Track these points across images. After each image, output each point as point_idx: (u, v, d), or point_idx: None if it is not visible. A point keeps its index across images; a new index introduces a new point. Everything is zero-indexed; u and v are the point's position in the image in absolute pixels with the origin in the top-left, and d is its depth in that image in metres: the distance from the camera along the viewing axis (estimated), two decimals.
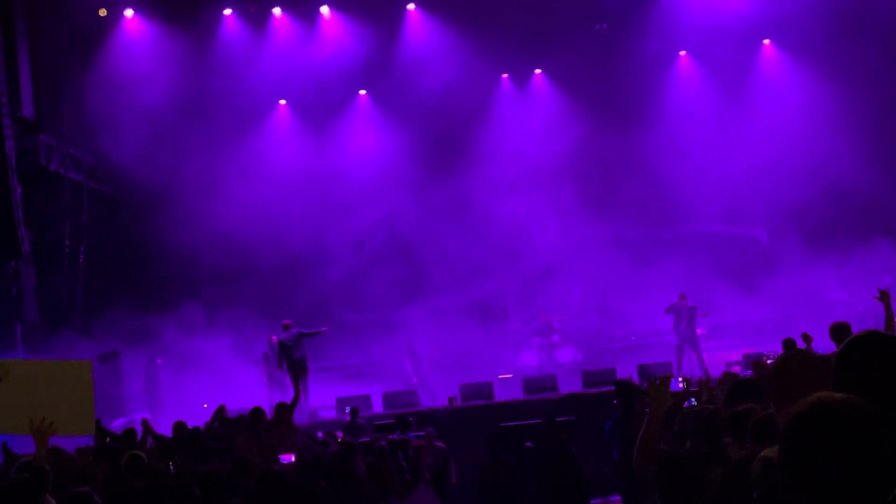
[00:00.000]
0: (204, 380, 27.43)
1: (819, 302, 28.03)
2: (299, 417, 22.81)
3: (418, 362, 28.74)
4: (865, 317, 23.69)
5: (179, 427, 17.40)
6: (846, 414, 3.15)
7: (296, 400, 17.90)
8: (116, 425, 19.98)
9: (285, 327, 26.22)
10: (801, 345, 17.01)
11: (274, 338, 27.65)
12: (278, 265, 31.22)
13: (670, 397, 7.39)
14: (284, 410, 16.99)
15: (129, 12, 31.49)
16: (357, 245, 32.37)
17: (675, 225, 31.81)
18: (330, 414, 25.63)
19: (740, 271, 29.53)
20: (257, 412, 16.97)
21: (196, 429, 17.43)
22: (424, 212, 31.77)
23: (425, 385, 27.84)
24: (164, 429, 18.38)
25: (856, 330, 4.33)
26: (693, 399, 9.87)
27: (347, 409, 22.93)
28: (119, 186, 31.29)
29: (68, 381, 12.78)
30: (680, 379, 9.80)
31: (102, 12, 30.98)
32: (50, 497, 8.64)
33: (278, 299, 30.54)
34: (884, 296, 12.93)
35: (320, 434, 20.14)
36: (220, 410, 18.46)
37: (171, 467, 10.41)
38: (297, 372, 25.58)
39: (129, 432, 15.55)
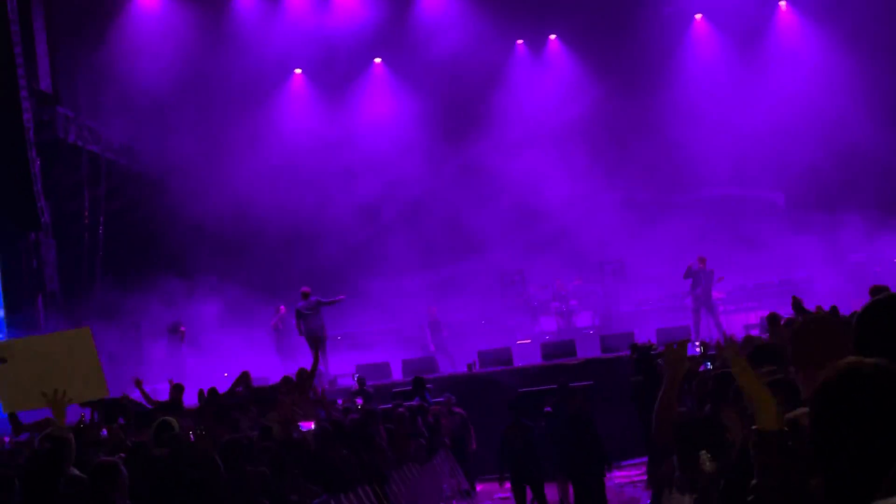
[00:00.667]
0: (221, 348, 27.60)
1: (836, 263, 28.04)
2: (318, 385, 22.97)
3: (437, 329, 28.82)
4: (882, 277, 23.68)
5: (177, 389, 17.60)
6: (878, 379, 3.12)
7: (314, 367, 18.00)
8: (137, 395, 20.10)
9: (304, 295, 26.37)
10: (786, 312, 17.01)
11: (282, 307, 27.86)
12: (294, 233, 31.28)
13: (687, 361, 7.43)
14: (305, 377, 17.12)
15: None
16: (373, 212, 32.44)
17: (691, 188, 31.78)
18: (349, 381, 25.78)
19: (757, 234, 29.46)
20: (286, 381, 17.17)
21: (214, 392, 17.60)
22: (440, 178, 31.79)
23: (445, 352, 27.93)
24: (190, 397, 18.55)
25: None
26: (709, 363, 9.92)
27: (355, 377, 23.03)
28: (136, 158, 31.35)
29: (71, 350, 12.93)
30: (697, 343, 9.87)
31: None
32: (73, 468, 8.71)
33: (294, 267, 30.65)
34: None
35: (340, 401, 20.30)
36: (244, 377, 18.59)
37: (192, 436, 10.50)
38: (314, 340, 25.72)
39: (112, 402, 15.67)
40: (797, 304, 16.99)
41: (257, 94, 32.82)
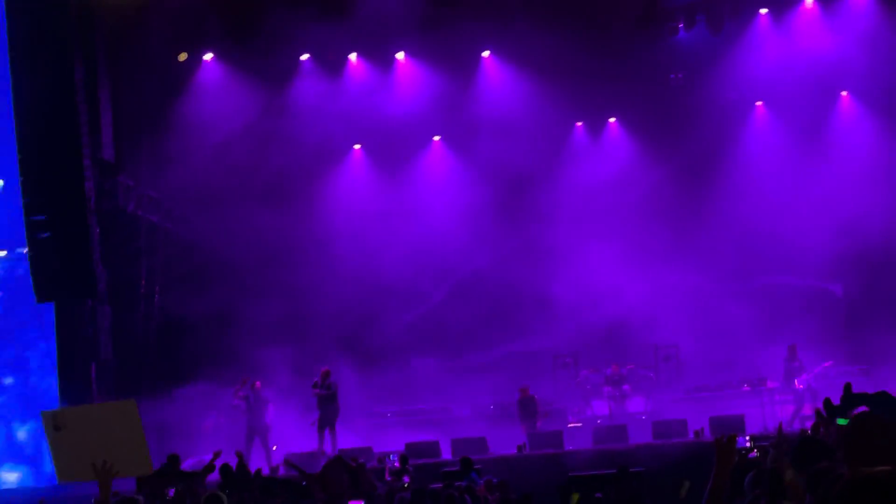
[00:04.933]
0: (277, 421, 27.62)
1: (894, 356, 27.67)
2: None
3: (530, 410, 28.40)
4: None
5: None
6: (891, 487, 3.16)
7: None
8: (187, 465, 20.20)
9: (325, 374, 26.92)
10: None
11: (258, 383, 27.86)
12: (349, 309, 31.30)
13: (736, 454, 7.33)
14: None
15: (208, 56, 31.89)
16: (428, 290, 32.41)
17: (748, 275, 31.51)
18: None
19: (814, 324, 29.15)
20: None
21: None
22: (496, 258, 31.77)
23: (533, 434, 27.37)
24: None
25: None
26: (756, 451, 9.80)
27: (394, 457, 22.93)
28: (194, 228, 31.56)
29: (117, 423, 12.99)
30: (747, 437, 9.76)
31: (182, 57, 31.39)
32: None
33: (348, 342, 30.68)
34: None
35: (388, 478, 20.25)
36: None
37: None
38: (323, 420, 26.40)
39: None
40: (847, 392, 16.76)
41: (317, 168, 32.96)
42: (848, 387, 17.39)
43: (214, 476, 19.68)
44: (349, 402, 28.33)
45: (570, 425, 28.53)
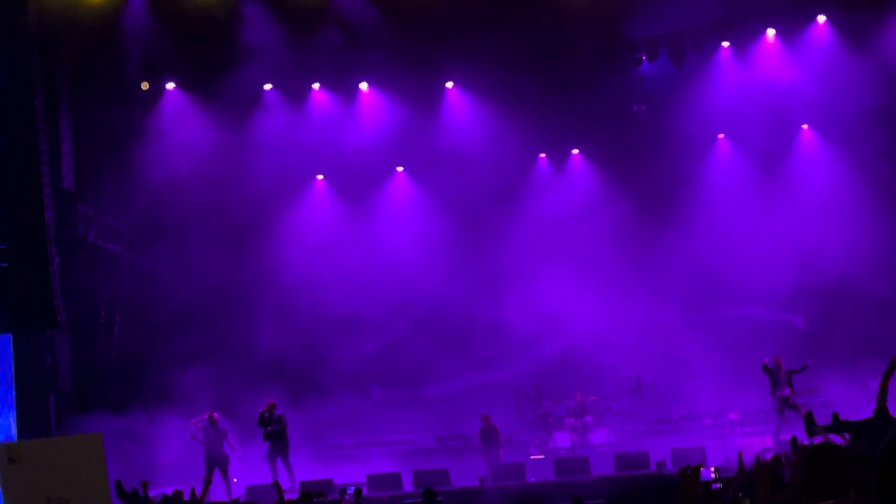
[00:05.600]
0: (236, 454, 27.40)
1: (855, 387, 27.73)
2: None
3: (490, 440, 28.14)
4: None
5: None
6: None
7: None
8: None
9: (271, 407, 26.73)
10: None
11: (216, 414, 27.38)
12: (311, 338, 31.13)
13: (700, 486, 7.27)
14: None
15: (170, 85, 31.75)
16: (390, 321, 32.32)
17: (710, 307, 31.57)
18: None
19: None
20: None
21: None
22: (459, 290, 31.69)
23: (495, 465, 27.07)
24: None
25: None
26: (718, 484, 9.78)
27: (350, 490, 22.81)
28: (155, 259, 31.32)
29: (80, 456, 12.81)
30: (711, 468, 9.73)
31: (144, 86, 31.22)
32: None
33: (307, 374, 30.54)
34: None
35: None
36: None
37: None
38: (273, 452, 26.45)
39: None
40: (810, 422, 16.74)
41: (279, 198, 32.81)
42: (835, 416, 17.41)
43: None
44: (307, 434, 28.20)
45: (532, 457, 28.45)
